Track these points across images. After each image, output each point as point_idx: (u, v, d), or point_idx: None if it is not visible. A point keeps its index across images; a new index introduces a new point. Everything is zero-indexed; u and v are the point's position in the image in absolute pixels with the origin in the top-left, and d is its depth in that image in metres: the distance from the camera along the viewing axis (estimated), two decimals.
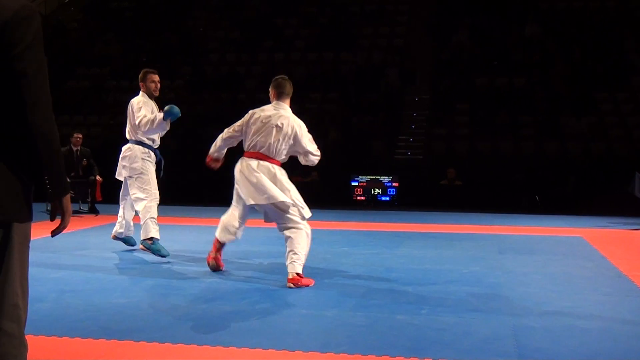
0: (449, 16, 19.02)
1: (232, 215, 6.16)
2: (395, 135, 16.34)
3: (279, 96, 6.10)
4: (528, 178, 14.11)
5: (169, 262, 6.80)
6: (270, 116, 5.96)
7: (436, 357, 3.77)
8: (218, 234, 6.21)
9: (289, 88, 6.13)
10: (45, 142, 2.31)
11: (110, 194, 10.97)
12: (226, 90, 17.72)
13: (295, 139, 5.97)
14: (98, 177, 11.89)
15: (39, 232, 4.37)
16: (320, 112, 16.79)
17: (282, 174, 5.99)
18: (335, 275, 6.23)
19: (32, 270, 2.45)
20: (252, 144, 5.94)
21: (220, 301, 5.15)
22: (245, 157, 5.99)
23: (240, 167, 5.96)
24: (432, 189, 14.57)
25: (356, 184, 14.63)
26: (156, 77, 7.26)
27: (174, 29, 20.46)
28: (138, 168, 7.05)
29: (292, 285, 5.61)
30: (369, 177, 14.59)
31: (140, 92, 7.24)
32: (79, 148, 12.15)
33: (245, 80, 18.27)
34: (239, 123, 6.07)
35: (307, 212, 5.94)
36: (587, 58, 17.00)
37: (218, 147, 6.18)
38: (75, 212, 11.10)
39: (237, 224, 6.12)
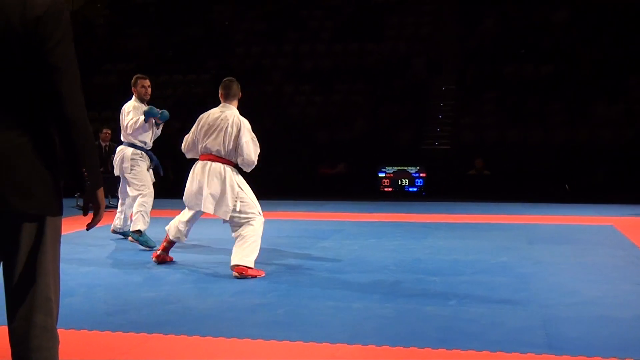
0: (476, 4, 18.83)
1: (183, 215, 6.27)
2: (422, 125, 16.25)
3: (226, 97, 6.14)
4: (558, 167, 13.96)
5: (196, 255, 6.85)
6: (216, 117, 6.02)
7: (464, 348, 3.75)
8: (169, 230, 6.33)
9: (235, 89, 6.18)
10: (82, 135, 2.35)
11: None
12: (252, 83, 17.77)
13: (237, 137, 5.93)
14: None
15: (68, 227, 4.43)
16: (347, 104, 16.76)
17: (232, 176, 5.96)
18: (362, 267, 6.23)
19: (61, 265, 2.48)
20: (203, 147, 6.02)
21: (247, 294, 5.17)
22: (199, 160, 6.09)
23: (191, 171, 6.09)
24: (460, 179, 14.47)
25: (383, 175, 14.57)
26: (146, 82, 7.59)
27: (199, 22, 20.53)
28: (127, 168, 7.46)
29: (236, 274, 5.68)
30: (396, 168, 14.52)
31: (133, 97, 7.57)
32: (107, 143, 12.28)
33: (271, 73, 18.29)
34: (191, 131, 6.16)
35: (254, 210, 5.96)
36: (618, 43, 16.73)
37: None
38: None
39: (184, 226, 6.24)
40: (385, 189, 14.58)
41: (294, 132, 15.67)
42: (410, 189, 14.46)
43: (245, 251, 5.77)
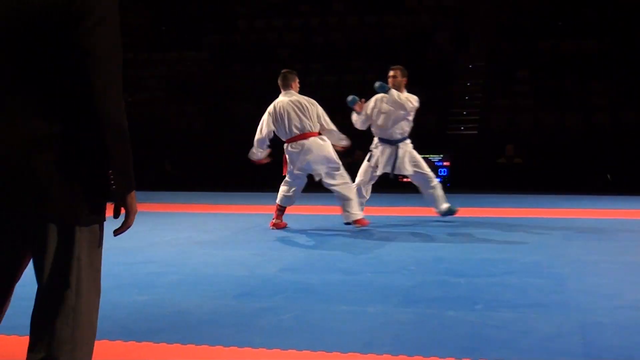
0: None
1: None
2: (447, 108, 16.21)
3: (286, 88, 8.33)
4: (599, 154, 13.90)
5: (195, 255, 6.88)
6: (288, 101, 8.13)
7: (492, 357, 3.75)
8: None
9: (291, 79, 8.39)
10: (115, 134, 2.29)
11: None
12: (256, 62, 17.76)
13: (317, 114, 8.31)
14: None
15: None
16: (363, 84, 16.72)
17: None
18: (379, 267, 6.24)
19: None
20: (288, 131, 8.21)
21: (250, 297, 5.19)
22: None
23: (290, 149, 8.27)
24: (489, 169, 14.45)
25: None
26: None
27: None
28: None
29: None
30: None
31: None
32: None
33: (278, 50, 18.27)
34: (265, 123, 8.27)
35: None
36: None
37: (257, 151, 8.48)
38: None
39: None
40: (405, 180, 14.54)
41: None
42: None
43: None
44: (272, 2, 19.84)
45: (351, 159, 14.23)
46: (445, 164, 14.45)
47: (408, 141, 9.00)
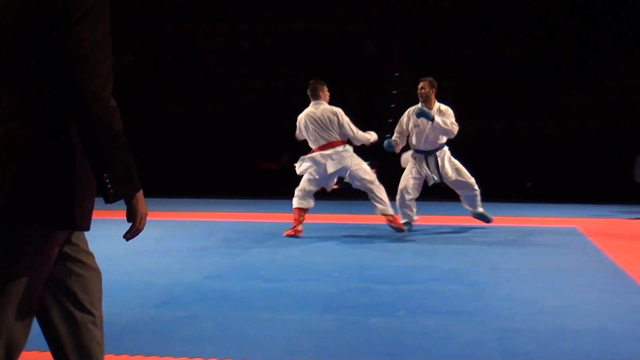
0: None
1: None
2: (374, 115, 16.33)
3: (315, 98, 8.68)
4: (520, 162, 14.20)
5: (114, 262, 6.76)
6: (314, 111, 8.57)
7: None
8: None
9: (319, 89, 8.69)
10: (104, 135, 2.23)
11: None
12: (183, 65, 17.59)
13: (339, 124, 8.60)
14: None
15: None
16: (290, 90, 16.74)
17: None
18: (302, 274, 6.25)
19: None
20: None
21: (171, 305, 5.14)
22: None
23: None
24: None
25: None
26: None
27: None
28: None
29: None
30: None
31: None
32: None
33: (204, 54, 18.13)
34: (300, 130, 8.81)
35: None
36: (589, 26, 17.05)
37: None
38: None
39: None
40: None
41: (230, 122, 15.60)
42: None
43: None
44: (199, 5, 19.68)
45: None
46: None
47: (446, 148, 9.21)
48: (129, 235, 2.47)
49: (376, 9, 19.09)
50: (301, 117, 8.69)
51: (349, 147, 8.70)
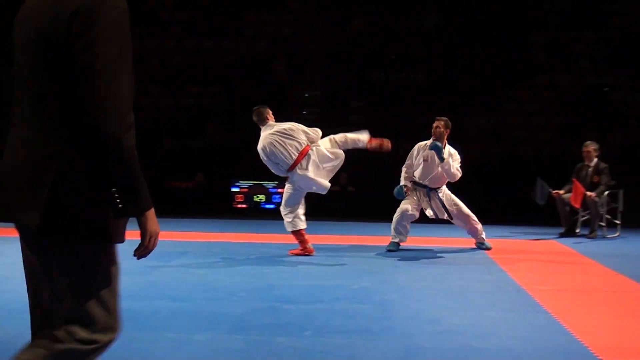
0: (343, 3, 19.27)
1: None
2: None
3: (262, 122, 8.66)
4: None
5: (19, 279, 6.54)
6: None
7: None
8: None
9: (265, 113, 8.74)
10: (114, 152, 2.25)
11: None
12: None
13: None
14: None
15: None
16: (199, 108, 16.64)
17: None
18: (209, 294, 6.20)
19: None
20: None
21: None
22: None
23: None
24: (322, 196, 14.67)
25: (237, 190, 14.55)
26: None
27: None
28: None
29: None
30: (251, 182, 14.53)
31: None
32: None
33: None
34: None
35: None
36: (493, 53, 17.60)
37: None
38: None
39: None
40: (239, 206, 14.56)
41: (138, 140, 15.35)
42: (267, 206, 14.53)
43: None
44: None
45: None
46: (279, 190, 14.54)
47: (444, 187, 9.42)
48: (138, 254, 2.50)
49: (286, 30, 19.20)
50: (265, 144, 8.52)
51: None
